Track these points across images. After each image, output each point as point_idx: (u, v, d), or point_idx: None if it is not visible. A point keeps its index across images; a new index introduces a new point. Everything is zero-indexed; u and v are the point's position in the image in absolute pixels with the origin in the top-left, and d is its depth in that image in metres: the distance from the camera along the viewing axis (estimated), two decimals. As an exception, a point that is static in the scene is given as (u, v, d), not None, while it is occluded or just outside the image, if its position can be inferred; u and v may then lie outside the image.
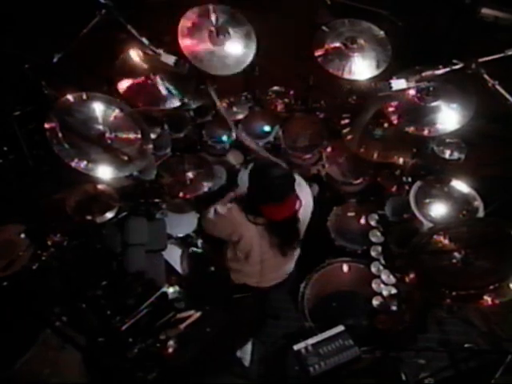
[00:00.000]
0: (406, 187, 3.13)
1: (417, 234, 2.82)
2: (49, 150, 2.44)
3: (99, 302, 2.45)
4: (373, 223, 3.22)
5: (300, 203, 2.51)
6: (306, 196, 2.64)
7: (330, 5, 3.77)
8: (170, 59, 2.65)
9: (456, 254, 2.29)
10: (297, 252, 2.77)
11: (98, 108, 2.63)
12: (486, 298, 1.99)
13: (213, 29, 3.04)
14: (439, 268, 2.29)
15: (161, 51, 2.62)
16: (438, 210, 2.96)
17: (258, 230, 2.51)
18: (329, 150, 3.55)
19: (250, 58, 3.10)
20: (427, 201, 2.98)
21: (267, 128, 3.63)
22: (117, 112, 2.63)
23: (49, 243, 2.63)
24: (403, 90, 2.69)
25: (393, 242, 3.07)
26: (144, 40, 2.58)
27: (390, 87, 2.64)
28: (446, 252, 2.30)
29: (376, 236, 3.17)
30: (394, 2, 3.71)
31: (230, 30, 3.07)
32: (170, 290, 2.44)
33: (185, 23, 3.01)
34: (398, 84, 2.65)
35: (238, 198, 2.71)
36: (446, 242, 2.38)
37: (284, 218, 2.47)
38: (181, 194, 3.32)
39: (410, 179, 3.16)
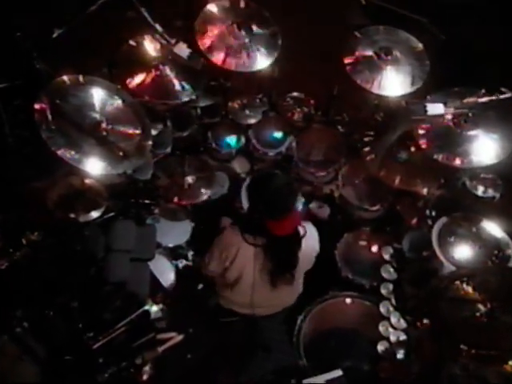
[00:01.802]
0: (429, 221, 3.08)
1: (436, 275, 2.77)
2: (34, 133, 2.39)
3: (71, 312, 2.36)
4: (386, 257, 3.15)
5: (301, 223, 2.49)
6: (312, 235, 2.62)
7: (365, 5, 3.72)
8: (183, 51, 2.64)
9: (480, 306, 2.22)
10: (291, 289, 2.70)
11: (97, 95, 2.58)
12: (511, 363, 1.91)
13: (234, 21, 3.03)
14: (459, 319, 2.21)
15: (174, 41, 2.62)
16: (463, 252, 2.89)
17: (255, 252, 2.48)
18: (346, 168, 3.51)
19: (269, 62, 3.08)
20: (451, 240, 2.92)
21: (278, 135, 3.60)
22: (118, 102, 2.58)
23: (24, 242, 2.55)
24: (439, 116, 2.62)
25: (407, 281, 3.00)
26: (157, 27, 2.55)
27: (425, 111, 2.58)
28: (468, 302, 2.23)
29: (388, 272, 3.10)
30: (436, 10, 3.63)
31: (254, 27, 3.05)
32: (154, 308, 2.36)
33: (208, 9, 3.00)
34: (435, 108, 2.60)
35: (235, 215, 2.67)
36: (470, 290, 2.31)
37: (285, 234, 2.43)
38: (176, 200, 3.28)
39: (434, 213, 3.10)
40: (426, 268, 2.94)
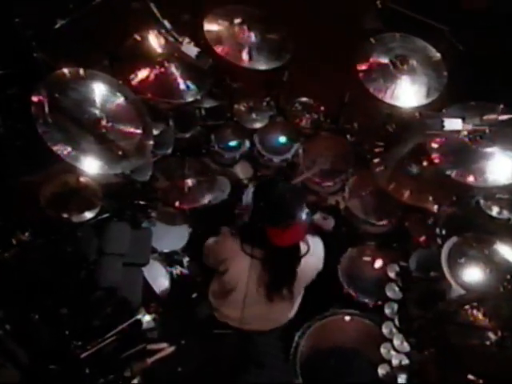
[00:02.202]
0: (439, 240, 3.04)
1: (444, 298, 2.74)
2: (28, 125, 2.37)
3: (57, 317, 2.33)
4: (392, 275, 3.11)
5: (306, 237, 2.46)
6: (317, 253, 2.58)
7: (381, 9, 3.71)
8: (191, 50, 2.64)
9: (490, 334, 2.17)
10: (287, 305, 2.66)
11: (99, 90, 2.56)
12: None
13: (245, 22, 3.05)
14: (467, 346, 2.17)
15: (182, 39, 2.62)
16: (474, 274, 2.84)
17: (252, 264, 2.44)
18: (353, 179, 3.49)
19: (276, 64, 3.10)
20: (462, 261, 2.87)
21: (284, 141, 3.59)
22: (120, 100, 2.56)
23: (14, 242, 2.52)
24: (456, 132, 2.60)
25: (413, 301, 2.96)
26: (166, 23, 2.55)
27: (442, 126, 2.55)
28: (477, 328, 2.19)
29: (393, 291, 3.06)
30: (457, 17, 3.60)
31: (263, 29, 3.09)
32: (146, 317, 2.32)
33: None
34: (453, 124, 2.56)
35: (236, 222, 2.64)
36: (480, 316, 2.26)
37: (285, 245, 2.39)
38: (174, 203, 3.26)
39: (444, 232, 3.06)
40: (433, 289, 2.91)
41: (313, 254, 2.50)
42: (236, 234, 2.50)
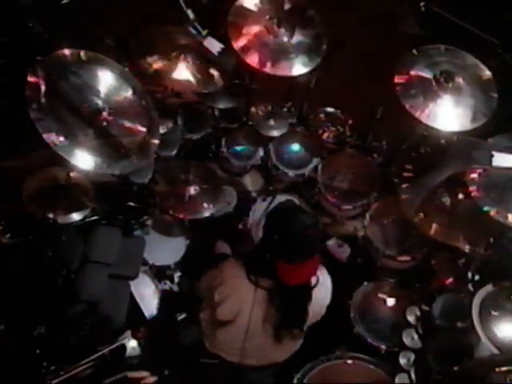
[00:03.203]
0: (470, 286, 2.97)
1: (470, 354, 2.65)
2: (13, 104, 2.38)
3: (29, 332, 2.23)
4: (411, 319, 3.03)
5: (317, 271, 2.41)
6: (325, 284, 2.54)
7: (423, 13, 3.66)
8: (214, 46, 2.64)
9: (527, 408, 2.07)
10: (294, 344, 2.61)
11: (105, 79, 2.50)
12: None
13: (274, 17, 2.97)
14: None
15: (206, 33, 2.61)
16: (509, 331, 2.75)
17: (257, 295, 2.38)
18: (376, 205, 3.43)
19: (307, 68, 3.04)
20: (496, 314, 2.78)
21: (303, 154, 3.57)
22: (128, 93, 2.51)
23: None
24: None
25: (433, 354, 2.87)
26: (190, 13, 2.53)
27: (491, 161, 2.47)
28: (511, 399, 2.08)
29: (411, 338, 2.98)
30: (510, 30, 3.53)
31: (296, 26, 3.02)
32: (132, 343, 2.24)
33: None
34: (504, 160, 2.48)
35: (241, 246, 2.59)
36: (515, 385, 2.16)
37: (297, 283, 2.34)
38: (173, 212, 3.19)
39: (477, 277, 3.00)
40: (458, 342, 2.82)
41: (321, 285, 2.45)
42: (241, 259, 2.45)
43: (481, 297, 2.81)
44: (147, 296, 3.12)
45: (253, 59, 2.92)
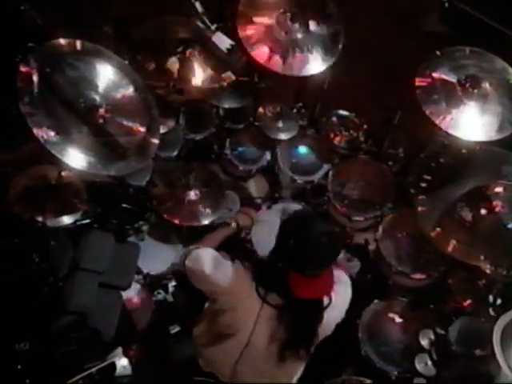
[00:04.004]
0: (491, 311, 2.93)
1: (490, 384, 2.61)
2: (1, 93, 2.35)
3: (8, 345, 2.20)
4: (424, 343, 3.00)
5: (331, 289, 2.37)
6: (339, 306, 2.50)
7: (447, 9, 3.64)
8: (223, 42, 2.64)
9: None
10: (298, 366, 2.56)
11: (104, 73, 2.49)
12: None
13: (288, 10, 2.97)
14: None
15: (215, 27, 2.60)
16: (534, 361, 2.73)
17: (263, 311, 2.35)
18: (389, 217, 3.41)
19: (322, 67, 3.04)
20: (518, 342, 2.76)
21: (313, 159, 3.57)
22: (129, 90, 2.50)
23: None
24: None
25: (449, 382, 2.87)
26: (198, 5, 2.51)
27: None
28: None
29: (425, 364, 2.95)
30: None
31: (311, 22, 3.00)
32: (123, 362, 2.21)
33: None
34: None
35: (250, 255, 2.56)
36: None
37: (310, 298, 2.32)
38: (170, 217, 3.17)
39: (499, 301, 2.96)
40: (476, 371, 2.79)
41: (335, 306, 2.41)
42: (249, 269, 2.42)
43: (503, 322, 2.76)
44: (139, 307, 3.10)
45: (261, 54, 2.92)
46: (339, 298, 2.47)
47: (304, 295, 2.28)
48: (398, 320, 3.21)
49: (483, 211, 2.97)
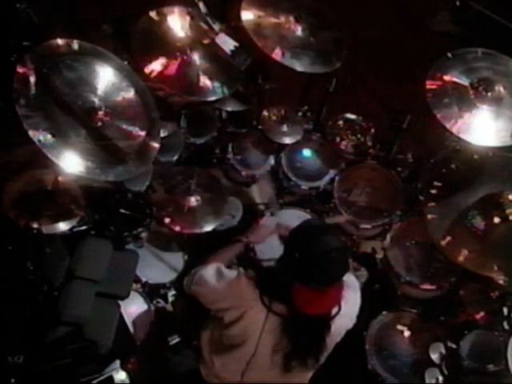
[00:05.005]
0: (505, 324, 2.90)
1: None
2: None
3: (1, 360, 2.19)
4: (435, 358, 2.98)
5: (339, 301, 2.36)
6: (349, 313, 2.50)
7: (459, 7, 3.65)
8: (227, 44, 2.64)
9: None
10: (305, 375, 2.57)
11: (105, 75, 2.49)
12: None
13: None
14: None
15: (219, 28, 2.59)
16: (550, 377, 2.71)
17: (270, 321, 2.34)
18: (398, 224, 3.40)
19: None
20: (536, 359, 2.75)
21: (318, 165, 3.58)
22: (130, 94, 2.50)
23: None
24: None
25: (461, 400, 2.85)
26: (201, 5, 2.52)
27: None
28: None
29: (435, 380, 2.92)
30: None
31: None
32: (121, 375, 2.21)
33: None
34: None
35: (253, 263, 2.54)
36: None
37: (315, 313, 2.30)
38: (170, 223, 3.17)
39: None
40: (490, 387, 2.77)
41: (344, 314, 2.41)
42: (254, 278, 2.41)
43: (519, 337, 2.76)
44: (138, 318, 3.09)
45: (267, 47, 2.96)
46: (349, 305, 2.47)
47: (309, 310, 2.27)
48: (407, 333, 3.18)
49: (496, 219, 2.97)
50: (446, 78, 2.98)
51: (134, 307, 3.09)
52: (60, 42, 2.45)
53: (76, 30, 2.68)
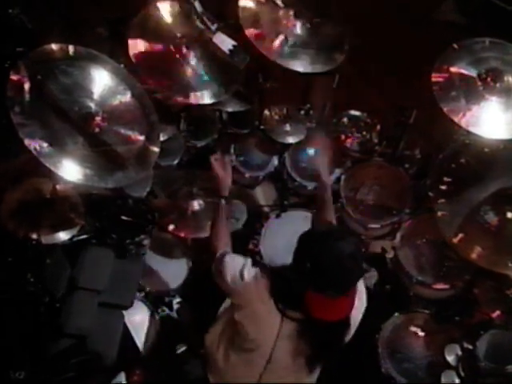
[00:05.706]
0: (522, 324, 2.90)
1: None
2: None
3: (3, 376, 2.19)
4: (450, 359, 2.96)
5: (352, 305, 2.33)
6: (359, 300, 2.44)
7: None
8: (225, 43, 2.62)
9: None
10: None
11: (101, 80, 2.50)
12: None
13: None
14: None
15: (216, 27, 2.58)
16: None
17: (284, 326, 2.32)
18: (408, 223, 3.39)
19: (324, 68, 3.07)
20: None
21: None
22: (127, 97, 2.50)
23: None
24: None
25: (478, 402, 2.83)
26: (197, 4, 2.52)
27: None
28: None
29: (452, 382, 2.91)
30: None
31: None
32: None
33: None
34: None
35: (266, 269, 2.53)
36: None
37: (327, 319, 2.27)
38: (173, 229, 3.20)
39: None
40: (508, 389, 2.75)
41: (356, 306, 2.37)
42: (267, 284, 2.37)
43: (536, 336, 2.76)
44: (143, 327, 3.10)
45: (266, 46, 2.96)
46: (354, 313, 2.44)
47: (323, 316, 2.25)
48: (421, 334, 3.17)
49: (509, 214, 2.97)
50: (453, 69, 2.96)
51: (138, 316, 3.09)
52: (54, 47, 2.45)
53: (72, 32, 2.66)
